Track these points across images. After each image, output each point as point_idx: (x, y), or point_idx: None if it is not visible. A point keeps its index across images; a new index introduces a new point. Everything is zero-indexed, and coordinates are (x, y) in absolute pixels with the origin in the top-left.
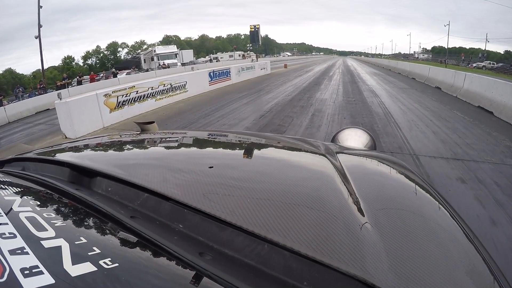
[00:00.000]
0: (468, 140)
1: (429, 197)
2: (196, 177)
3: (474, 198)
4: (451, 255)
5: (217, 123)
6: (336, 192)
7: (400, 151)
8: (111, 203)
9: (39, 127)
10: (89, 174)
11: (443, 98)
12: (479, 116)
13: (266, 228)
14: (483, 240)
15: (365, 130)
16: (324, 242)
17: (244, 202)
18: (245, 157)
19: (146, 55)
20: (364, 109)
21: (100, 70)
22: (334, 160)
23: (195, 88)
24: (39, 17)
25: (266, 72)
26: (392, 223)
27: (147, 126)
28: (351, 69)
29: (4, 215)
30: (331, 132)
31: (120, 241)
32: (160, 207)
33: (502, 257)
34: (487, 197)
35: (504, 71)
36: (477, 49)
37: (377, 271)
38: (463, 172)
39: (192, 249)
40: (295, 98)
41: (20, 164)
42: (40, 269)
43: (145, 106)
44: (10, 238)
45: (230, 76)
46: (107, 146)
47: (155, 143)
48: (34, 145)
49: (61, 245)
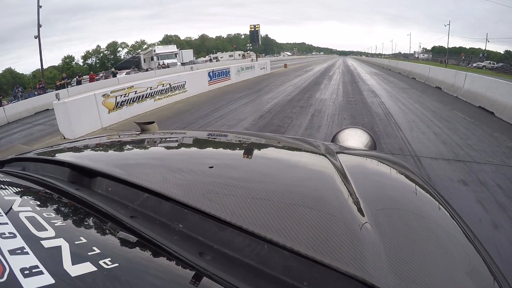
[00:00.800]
0: (470, 141)
1: (429, 197)
2: (196, 177)
3: (476, 201)
4: (451, 255)
5: (216, 123)
6: (336, 192)
7: (401, 152)
8: (111, 203)
9: (38, 127)
10: (89, 174)
11: (444, 98)
12: (480, 117)
13: (266, 228)
14: (486, 245)
15: (365, 130)
16: (324, 242)
17: (244, 202)
18: (245, 157)
19: (146, 55)
20: (364, 109)
21: (100, 70)
22: (334, 160)
23: (194, 88)
24: (39, 16)
25: (266, 72)
26: (392, 223)
27: (147, 126)
28: (351, 69)
29: (4, 215)
30: (331, 133)
31: (120, 241)
32: (160, 207)
33: (505, 263)
34: (489, 200)
35: (505, 71)
36: (477, 49)
37: (377, 271)
38: (465, 174)
39: (192, 249)
40: (295, 98)
41: (20, 164)
42: (40, 269)
43: (144, 106)
44: (10, 238)
45: (229, 76)
46: (107, 146)
47: (155, 143)
48: (33, 145)
49: (61, 245)
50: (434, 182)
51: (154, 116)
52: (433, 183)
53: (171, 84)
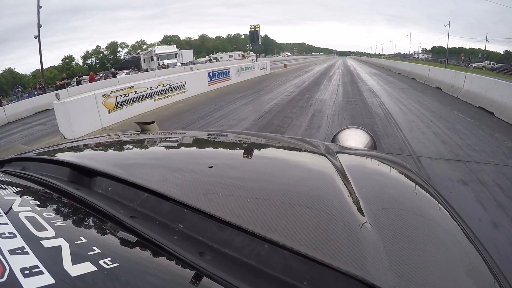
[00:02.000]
0: (469, 141)
1: (429, 197)
2: (196, 177)
3: (476, 201)
4: (451, 255)
5: (216, 123)
6: (336, 192)
7: (401, 152)
8: (111, 203)
9: (38, 127)
10: (89, 173)
11: (444, 98)
12: (480, 117)
13: (266, 228)
14: (486, 244)
15: (365, 130)
16: (324, 241)
17: (244, 202)
18: (245, 157)
19: (146, 55)
20: (364, 109)
21: (99, 70)
22: (334, 160)
23: (194, 88)
24: (39, 17)
25: (266, 72)
26: (392, 223)
27: (147, 126)
28: (351, 69)
29: (4, 215)
30: (331, 133)
31: (120, 241)
32: (160, 207)
33: (505, 262)
34: (489, 199)
35: (504, 71)
36: (477, 49)
37: (377, 271)
38: (464, 174)
39: (192, 249)
40: (295, 99)
41: (20, 163)
42: (40, 269)
43: (144, 106)
44: (10, 238)
45: (229, 76)
46: (107, 146)
47: (155, 143)
48: (33, 145)
49: (61, 245)
50: (434, 182)
51: (154, 116)
52: (432, 182)
53: (171, 84)
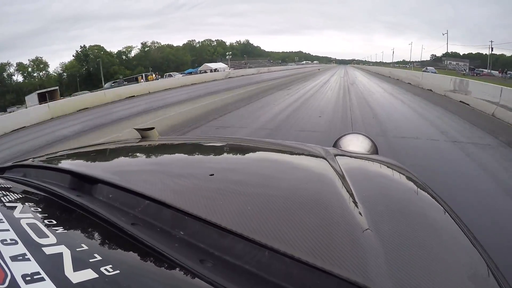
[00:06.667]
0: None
1: (431, 202)
2: (197, 184)
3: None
4: (454, 262)
5: None
6: (336, 196)
7: None
8: (112, 210)
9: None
10: (90, 180)
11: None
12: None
13: (266, 235)
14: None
15: (366, 136)
16: (324, 248)
17: (245, 209)
18: (246, 163)
19: None
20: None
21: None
22: (334, 164)
23: None
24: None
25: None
26: (394, 228)
27: (146, 132)
28: (363, 93)
29: (5, 221)
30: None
31: (121, 248)
32: (161, 214)
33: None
34: None
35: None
36: (484, 55)
37: (378, 277)
38: None
39: (193, 256)
40: None
41: (21, 170)
42: (42, 276)
43: None
44: (11, 244)
45: None
46: (108, 153)
47: (155, 149)
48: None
49: (62, 251)
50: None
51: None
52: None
53: None
